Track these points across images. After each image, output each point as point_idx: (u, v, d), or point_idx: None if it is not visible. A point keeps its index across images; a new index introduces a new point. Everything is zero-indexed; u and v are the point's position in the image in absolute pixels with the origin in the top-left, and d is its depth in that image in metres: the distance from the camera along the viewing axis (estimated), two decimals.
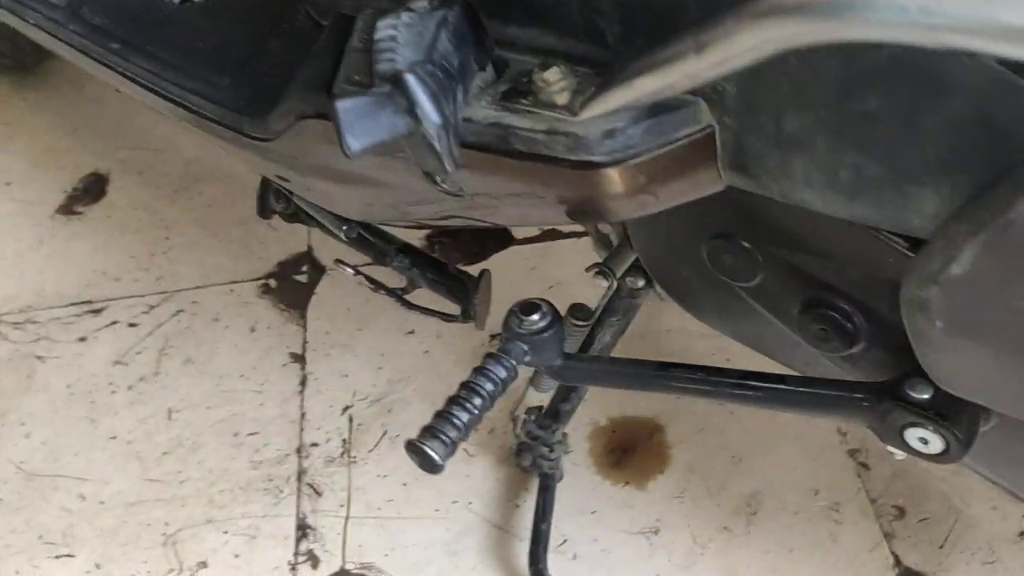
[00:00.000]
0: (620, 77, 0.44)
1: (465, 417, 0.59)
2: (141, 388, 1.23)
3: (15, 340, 1.29)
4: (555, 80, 0.50)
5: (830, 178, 0.44)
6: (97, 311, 1.32)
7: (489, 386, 0.61)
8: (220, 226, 1.41)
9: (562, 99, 0.49)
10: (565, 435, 1.08)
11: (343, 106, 0.44)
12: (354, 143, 0.44)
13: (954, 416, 0.57)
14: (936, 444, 0.58)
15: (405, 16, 0.49)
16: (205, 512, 1.10)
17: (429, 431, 0.58)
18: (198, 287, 1.33)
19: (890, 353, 0.61)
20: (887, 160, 0.41)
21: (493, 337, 1.21)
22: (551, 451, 1.04)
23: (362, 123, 0.44)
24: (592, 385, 0.89)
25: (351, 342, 1.26)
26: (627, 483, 1.10)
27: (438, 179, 0.60)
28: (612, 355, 0.95)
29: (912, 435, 0.59)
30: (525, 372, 1.07)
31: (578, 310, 0.84)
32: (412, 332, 1.26)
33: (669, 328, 1.24)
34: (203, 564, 1.06)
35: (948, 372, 0.49)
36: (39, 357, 1.27)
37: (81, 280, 1.36)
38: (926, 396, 0.57)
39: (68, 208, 1.46)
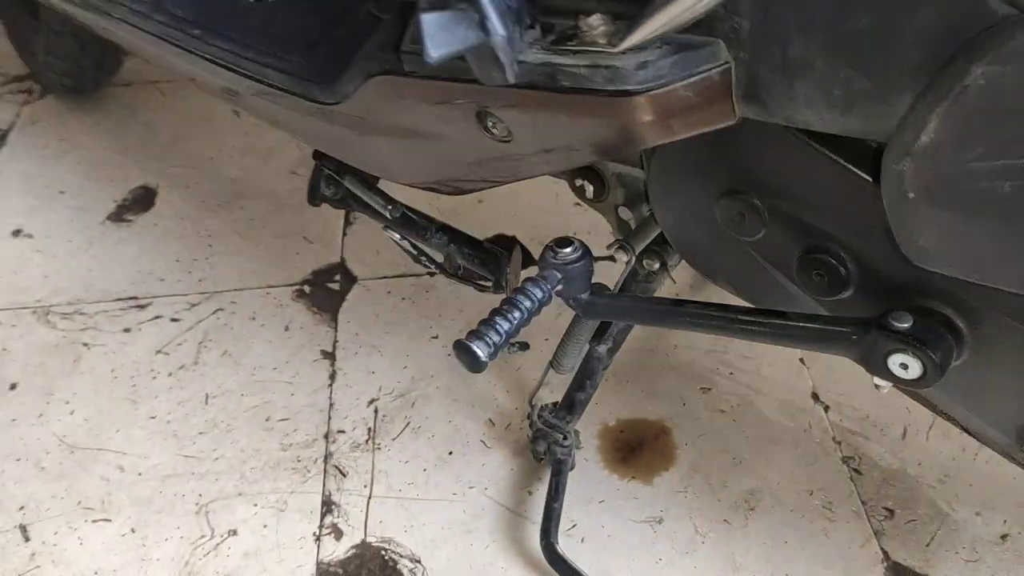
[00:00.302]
0: (650, 10, 0.55)
1: (506, 325, 0.68)
2: (180, 375, 1.31)
3: (63, 328, 1.38)
4: (597, 24, 0.60)
5: (826, 96, 0.54)
6: (142, 306, 1.41)
7: (527, 303, 0.70)
8: (259, 238, 1.51)
9: (603, 39, 0.60)
10: (577, 432, 1.15)
11: (427, 17, 0.54)
12: (434, 50, 0.54)
13: (931, 342, 0.65)
14: (915, 368, 0.66)
15: None
16: (237, 486, 1.17)
17: (475, 333, 0.67)
18: (237, 289, 1.43)
19: (875, 295, 0.70)
20: (873, 72, 0.51)
21: (511, 346, 1.30)
22: (564, 438, 1.11)
23: (441, 34, 0.54)
24: (615, 320, 0.96)
25: (379, 343, 1.34)
26: (633, 477, 1.17)
27: (490, 123, 0.70)
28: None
29: (894, 361, 0.67)
30: (539, 368, 1.16)
31: (597, 288, 0.93)
32: (436, 336, 1.34)
33: (676, 344, 1.32)
34: (233, 532, 1.12)
35: (919, 244, 0.58)
36: (85, 344, 1.35)
37: (127, 279, 1.45)
38: (907, 325, 0.66)
39: (118, 216, 1.56)
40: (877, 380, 0.70)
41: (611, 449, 1.20)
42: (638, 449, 1.21)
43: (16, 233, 1.54)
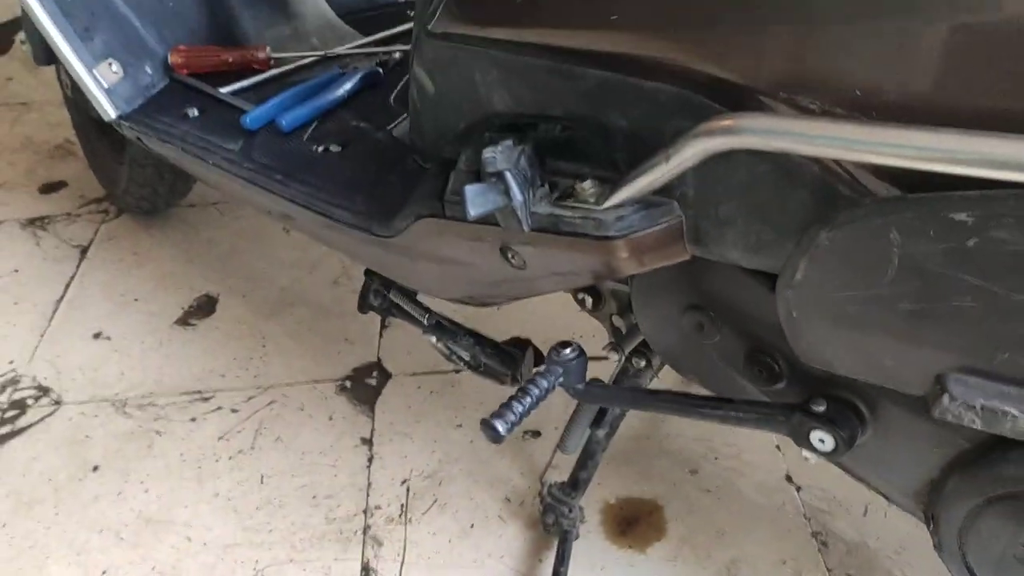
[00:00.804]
0: (625, 181, 0.78)
1: (520, 408, 0.89)
2: (239, 458, 1.51)
3: (138, 418, 1.59)
4: (588, 187, 0.83)
5: (745, 242, 0.76)
6: (206, 399, 1.63)
7: (536, 391, 0.92)
8: (307, 339, 1.74)
9: (592, 199, 0.83)
10: (581, 508, 1.35)
11: (469, 188, 0.77)
12: (473, 210, 0.78)
13: (840, 422, 0.86)
14: (829, 443, 0.87)
15: (500, 147, 0.83)
16: (288, 554, 1.36)
17: (496, 414, 0.88)
18: (288, 384, 1.65)
19: (801, 385, 0.91)
20: (771, 229, 0.74)
21: (525, 434, 1.52)
22: (570, 511, 1.31)
23: (478, 199, 0.78)
24: (606, 405, 1.17)
25: (410, 431, 1.55)
26: (630, 547, 1.36)
27: (510, 256, 0.93)
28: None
29: (814, 437, 0.88)
30: (549, 454, 1.36)
31: (593, 381, 1.14)
32: (460, 425, 1.55)
33: (668, 432, 1.53)
34: None
35: (805, 349, 0.77)
36: (158, 432, 1.57)
37: (193, 375, 1.67)
38: (822, 408, 0.87)
39: (184, 320, 1.80)
40: (805, 452, 0.91)
41: (611, 523, 1.39)
42: (634, 523, 1.40)
43: (97, 336, 1.77)
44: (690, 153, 0.69)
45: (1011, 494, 0.76)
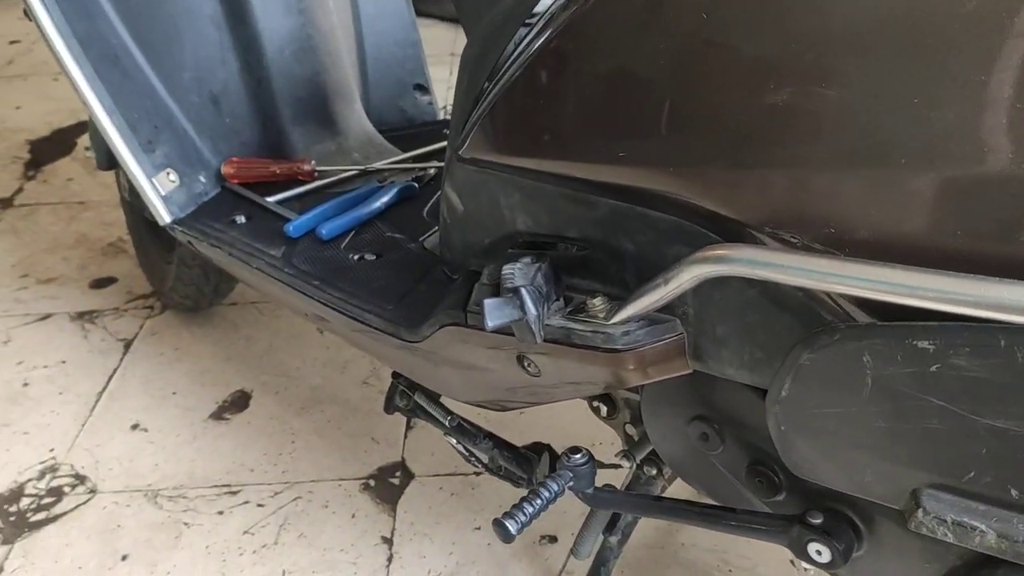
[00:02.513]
0: (630, 299, 0.85)
1: (530, 509, 0.94)
2: (263, 552, 1.56)
3: (168, 509, 1.65)
4: (599, 304, 0.90)
5: (740, 360, 0.83)
6: (234, 492, 1.68)
7: (546, 494, 0.97)
8: (335, 437, 1.80)
9: (602, 314, 0.90)
10: None
11: (488, 302, 0.85)
12: (491, 322, 0.85)
13: (836, 535, 0.90)
14: (826, 555, 0.91)
15: (519, 264, 0.91)
16: None
17: (507, 514, 0.94)
18: (314, 480, 1.70)
19: (800, 497, 0.95)
20: (762, 348, 0.80)
21: (541, 539, 1.55)
22: None
23: (495, 311, 0.85)
24: (614, 509, 1.21)
25: (430, 532, 1.59)
26: None
27: (526, 364, 1.00)
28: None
29: (812, 548, 0.91)
30: (565, 556, 1.39)
31: (604, 487, 1.19)
32: (479, 528, 1.59)
33: (683, 543, 1.56)
34: None
35: (794, 460, 0.81)
36: (186, 523, 1.62)
37: (224, 468, 1.74)
38: (819, 521, 0.91)
39: (218, 415, 1.87)
40: (804, 564, 0.94)
41: None
42: None
43: (134, 427, 1.85)
44: (685, 277, 0.76)
45: None
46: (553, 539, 1.55)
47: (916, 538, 0.84)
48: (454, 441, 1.26)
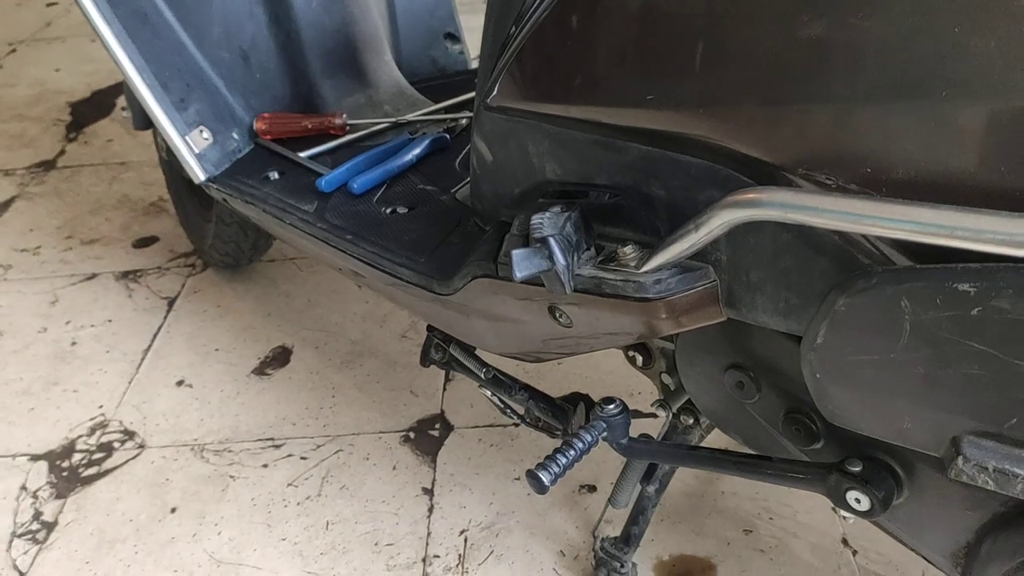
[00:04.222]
0: (661, 246, 0.83)
1: (563, 460, 0.94)
2: (307, 504, 1.58)
3: (214, 463, 1.68)
4: (630, 252, 0.88)
5: (775, 306, 0.81)
6: (277, 446, 1.71)
7: (580, 444, 0.96)
8: (375, 391, 1.81)
9: (633, 262, 0.88)
10: (634, 565, 1.38)
11: (516, 252, 0.83)
12: (519, 273, 0.83)
13: (876, 483, 0.88)
14: (865, 503, 0.89)
15: (548, 213, 0.89)
16: None
17: (541, 465, 0.93)
18: (355, 434, 1.72)
19: (838, 445, 0.93)
20: (797, 295, 0.78)
21: (580, 488, 1.55)
22: (622, 566, 1.34)
23: (524, 263, 0.84)
24: (647, 459, 1.20)
25: (470, 483, 1.60)
26: None
27: (558, 314, 0.98)
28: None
29: (851, 496, 0.90)
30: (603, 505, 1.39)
31: (640, 437, 1.18)
32: (518, 478, 1.60)
33: (723, 491, 1.55)
34: None
35: (829, 409, 0.80)
36: (232, 476, 1.65)
37: (267, 423, 1.76)
38: (858, 469, 0.89)
39: (260, 370, 1.89)
40: (843, 512, 0.93)
41: None
42: None
43: (180, 383, 1.88)
44: (716, 223, 0.74)
45: None
46: (592, 488, 1.55)
47: (957, 486, 0.82)
48: (488, 393, 1.26)
